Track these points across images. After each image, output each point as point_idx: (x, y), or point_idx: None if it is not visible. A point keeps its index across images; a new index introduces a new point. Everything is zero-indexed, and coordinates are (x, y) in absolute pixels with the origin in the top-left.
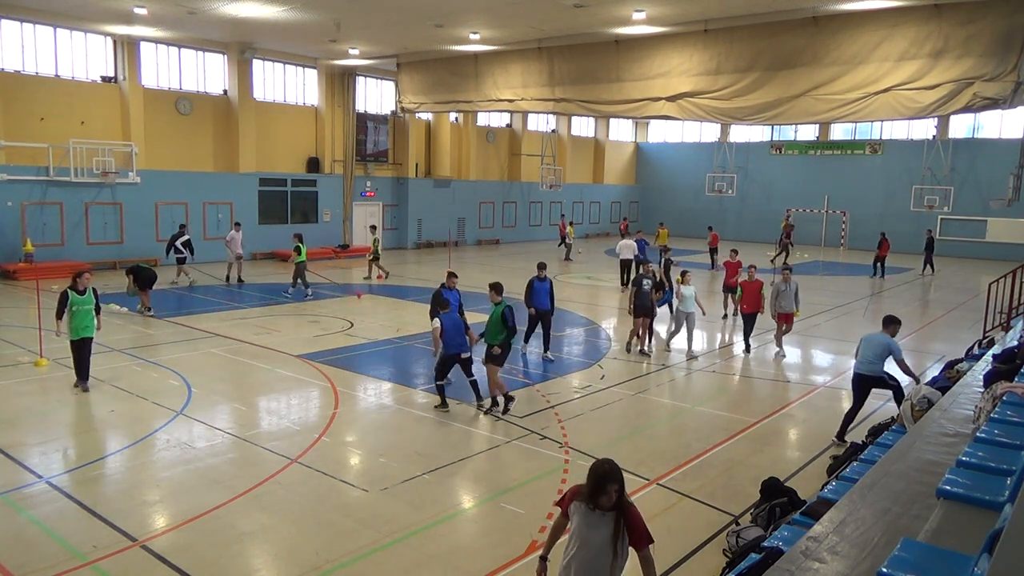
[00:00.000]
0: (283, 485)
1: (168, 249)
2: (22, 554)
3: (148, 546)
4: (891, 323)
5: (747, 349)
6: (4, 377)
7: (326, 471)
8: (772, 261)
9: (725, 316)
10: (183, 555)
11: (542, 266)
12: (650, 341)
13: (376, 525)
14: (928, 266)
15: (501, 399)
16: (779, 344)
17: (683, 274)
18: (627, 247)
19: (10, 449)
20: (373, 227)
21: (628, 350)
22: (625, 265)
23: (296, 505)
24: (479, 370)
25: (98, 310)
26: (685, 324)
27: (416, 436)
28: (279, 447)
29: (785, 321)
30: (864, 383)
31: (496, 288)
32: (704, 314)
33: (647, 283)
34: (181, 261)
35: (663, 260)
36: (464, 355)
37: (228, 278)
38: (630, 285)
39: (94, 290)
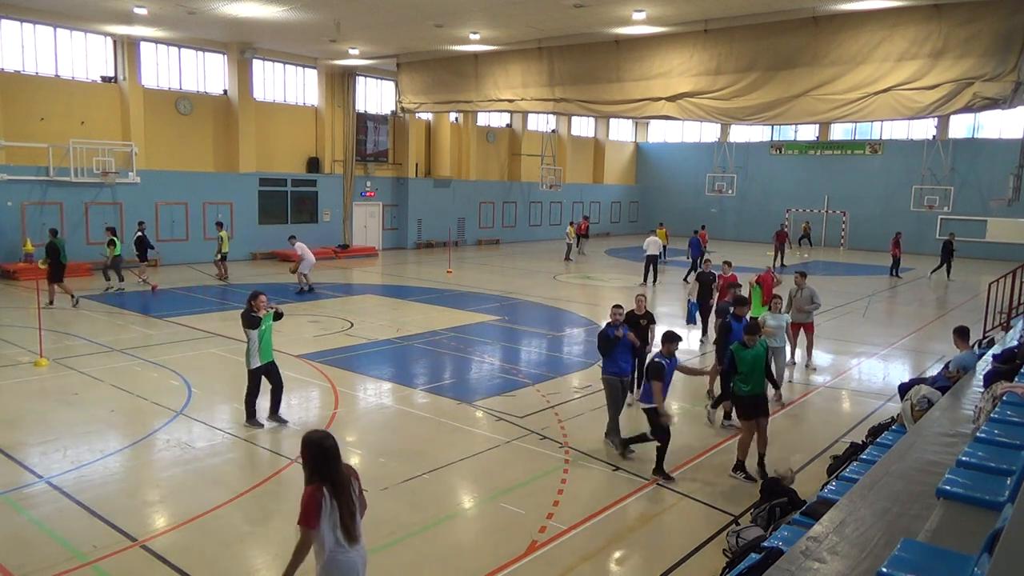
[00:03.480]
0: (283, 485)
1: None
2: (22, 554)
3: (148, 546)
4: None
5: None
6: (4, 377)
7: None
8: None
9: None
10: (183, 555)
11: (741, 301)
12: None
13: (376, 525)
14: (944, 268)
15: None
16: (793, 351)
17: (772, 300)
18: (653, 243)
19: (10, 449)
20: (219, 224)
21: (713, 418)
22: (650, 261)
23: (296, 505)
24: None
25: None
26: (774, 363)
27: (416, 436)
28: (279, 447)
29: (804, 330)
30: None
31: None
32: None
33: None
34: (141, 259)
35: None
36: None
37: (308, 287)
38: (713, 315)
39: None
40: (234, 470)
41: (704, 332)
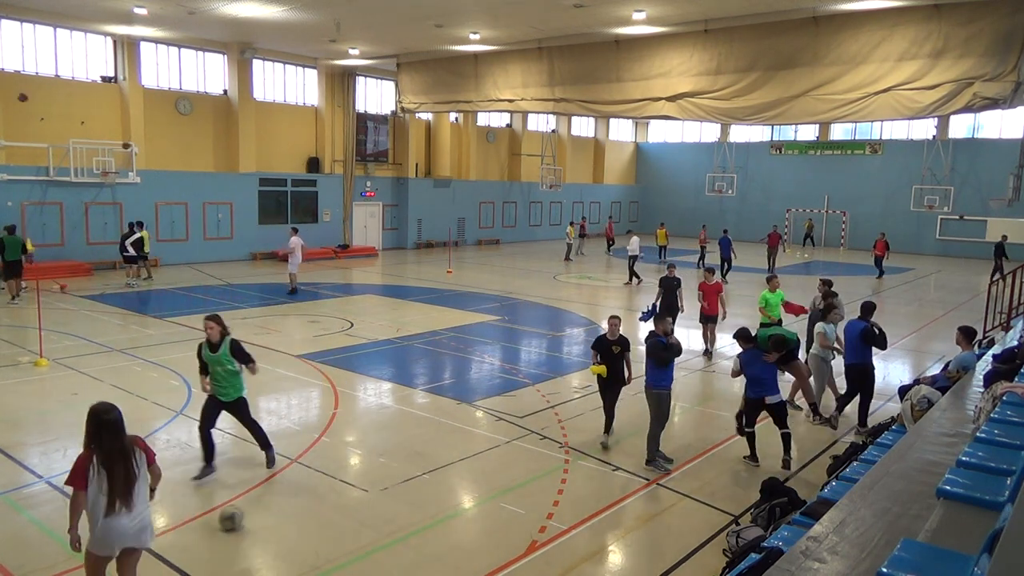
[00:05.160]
0: (283, 485)
1: (121, 249)
2: (22, 554)
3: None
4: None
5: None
6: (4, 377)
7: (326, 471)
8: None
9: (708, 352)
10: (183, 555)
11: (869, 307)
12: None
13: (376, 525)
14: (998, 272)
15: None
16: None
17: (829, 308)
18: (635, 244)
19: (10, 449)
20: (140, 223)
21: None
22: (632, 262)
23: (296, 505)
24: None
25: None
26: (815, 377)
27: (416, 436)
28: (279, 447)
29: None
30: None
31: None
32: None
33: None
34: (131, 261)
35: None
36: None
37: (292, 288)
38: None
39: (235, 343)
40: (234, 470)
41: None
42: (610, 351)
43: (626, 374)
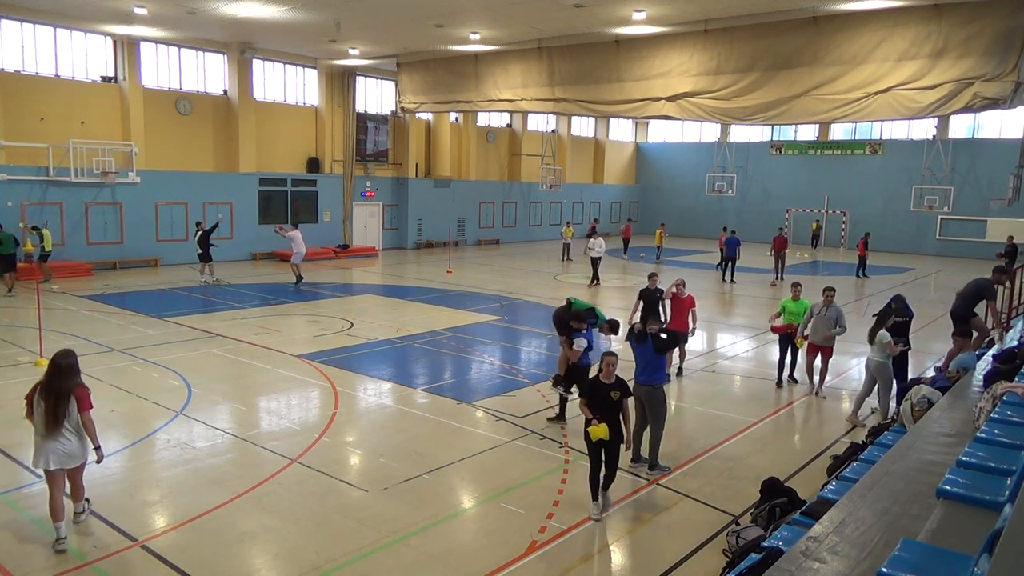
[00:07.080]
0: (283, 485)
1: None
2: (22, 554)
3: (148, 546)
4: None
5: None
6: (4, 377)
7: (326, 471)
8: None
9: (680, 371)
10: (183, 555)
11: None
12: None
13: (376, 525)
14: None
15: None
16: (811, 378)
17: (886, 315)
18: (599, 244)
19: (10, 449)
20: (36, 227)
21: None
22: (594, 264)
23: (296, 505)
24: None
25: None
26: (882, 386)
27: (416, 436)
28: (279, 447)
29: (821, 354)
30: None
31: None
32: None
33: None
34: (203, 259)
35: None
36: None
37: (298, 277)
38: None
39: None
40: (234, 470)
41: None
42: (608, 399)
43: (624, 432)
